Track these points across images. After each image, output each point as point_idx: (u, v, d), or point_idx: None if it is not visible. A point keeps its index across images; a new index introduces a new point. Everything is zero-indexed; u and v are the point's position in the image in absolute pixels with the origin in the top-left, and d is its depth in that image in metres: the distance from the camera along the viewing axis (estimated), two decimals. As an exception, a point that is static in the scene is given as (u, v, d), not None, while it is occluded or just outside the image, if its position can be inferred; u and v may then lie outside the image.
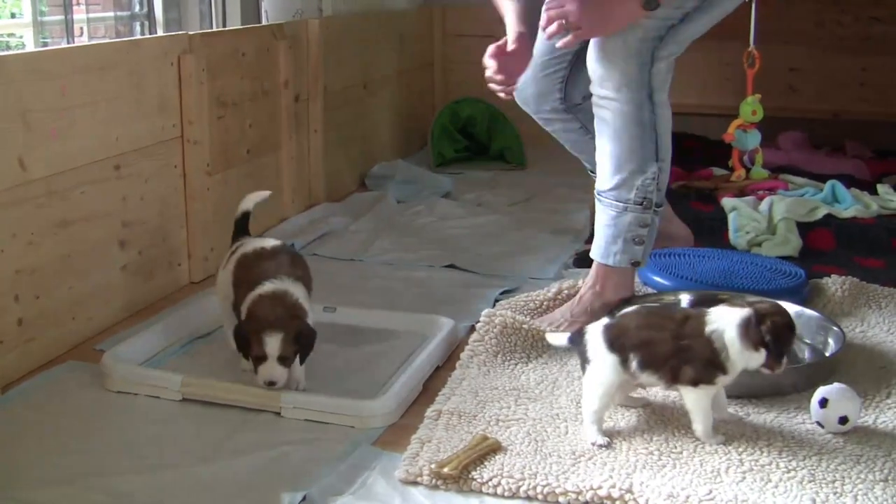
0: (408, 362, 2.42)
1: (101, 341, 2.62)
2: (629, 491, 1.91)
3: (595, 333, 2.13)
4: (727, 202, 3.57)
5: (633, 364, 2.11)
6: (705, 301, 2.32)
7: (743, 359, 2.08)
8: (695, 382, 2.10)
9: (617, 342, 2.12)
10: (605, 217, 2.67)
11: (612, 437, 2.12)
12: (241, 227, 2.62)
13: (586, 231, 3.56)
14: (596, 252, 2.69)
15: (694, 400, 2.13)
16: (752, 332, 2.06)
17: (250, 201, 2.65)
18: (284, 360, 2.24)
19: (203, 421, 2.23)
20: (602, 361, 2.12)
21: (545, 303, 2.80)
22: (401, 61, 4.81)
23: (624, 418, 2.22)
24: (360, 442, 2.13)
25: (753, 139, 3.87)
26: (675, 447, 2.08)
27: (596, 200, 2.70)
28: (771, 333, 2.05)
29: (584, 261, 3.19)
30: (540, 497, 1.91)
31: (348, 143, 4.16)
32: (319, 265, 3.23)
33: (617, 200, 2.63)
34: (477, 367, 2.44)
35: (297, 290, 2.35)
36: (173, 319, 2.68)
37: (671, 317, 2.15)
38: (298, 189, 3.75)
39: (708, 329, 2.09)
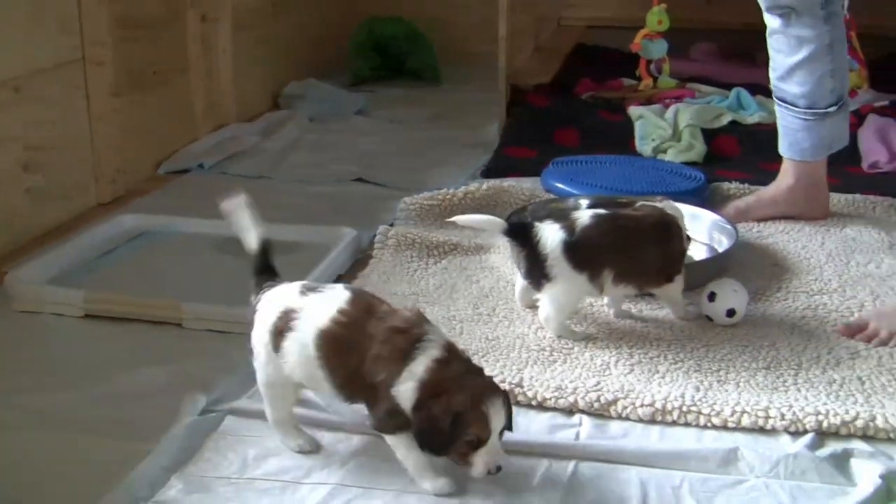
0: (309, 272, 2.43)
1: (9, 264, 2.61)
2: (519, 385, 1.96)
3: (555, 248, 2.12)
4: (634, 111, 3.60)
5: (608, 279, 2.15)
6: (603, 204, 2.35)
7: None
8: (671, 277, 2.24)
9: (586, 260, 2.13)
10: None
11: (506, 335, 2.17)
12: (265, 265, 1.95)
13: (495, 143, 3.60)
14: None
15: (676, 290, 2.26)
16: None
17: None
18: (503, 432, 1.68)
19: (106, 336, 2.25)
20: (569, 280, 2.13)
21: (452, 205, 2.84)
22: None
23: (519, 317, 2.26)
24: (259, 348, 2.15)
25: (660, 48, 3.91)
26: (567, 344, 2.14)
27: None
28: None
29: (492, 172, 3.22)
30: (432, 393, 1.96)
31: (259, 63, 4.14)
32: (228, 184, 3.24)
33: None
34: (377, 275, 2.47)
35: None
36: (78, 239, 2.67)
37: (639, 223, 2.20)
38: (208, 110, 3.73)
39: (685, 229, 2.26)
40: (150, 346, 2.20)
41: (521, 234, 2.15)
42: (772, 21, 2.80)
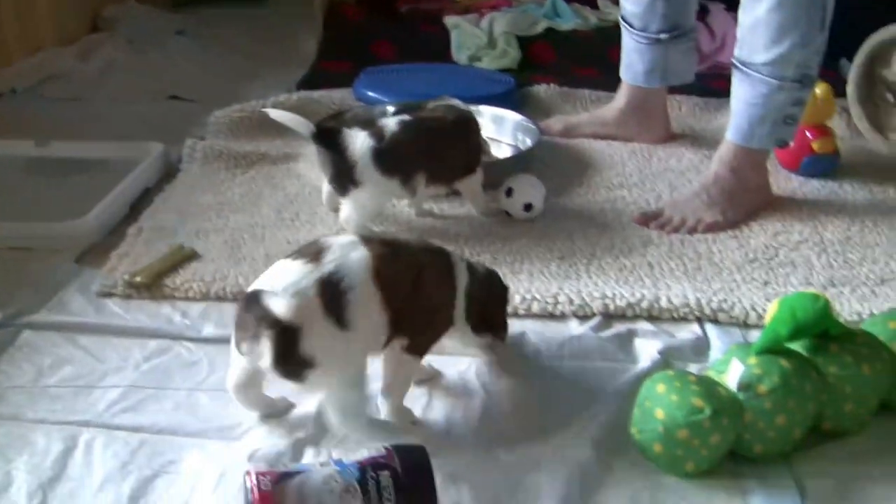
0: (115, 186, 2.42)
1: None
2: (315, 283, 1.99)
3: (364, 155, 2.13)
4: (450, 20, 3.63)
5: (421, 182, 2.20)
6: (406, 109, 2.38)
7: None
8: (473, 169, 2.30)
9: (397, 166, 2.16)
10: (750, 93, 2.33)
11: (307, 238, 2.18)
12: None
13: (313, 56, 3.61)
14: (736, 133, 2.38)
15: (477, 182, 2.31)
16: None
17: None
18: None
19: None
20: (378, 185, 2.16)
21: (261, 117, 2.78)
22: None
23: (321, 221, 2.31)
24: (62, 263, 2.15)
25: (476, -42, 3.94)
26: (367, 243, 2.17)
27: (735, 71, 2.37)
28: None
29: (307, 85, 3.21)
30: (229, 297, 1.98)
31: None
32: (43, 106, 3.21)
33: (770, 76, 2.29)
34: (184, 187, 2.48)
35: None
36: None
37: (443, 124, 2.25)
38: (22, 34, 3.64)
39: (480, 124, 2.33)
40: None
41: (328, 139, 2.16)
42: None
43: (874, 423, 1.67)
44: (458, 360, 1.79)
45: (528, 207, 2.29)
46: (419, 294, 1.61)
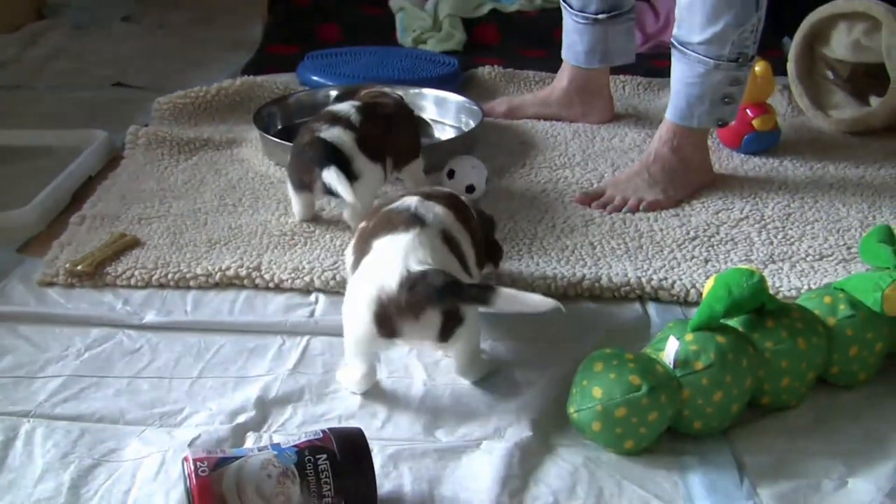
0: (59, 174, 2.41)
1: None
2: (257, 269, 1.99)
3: (352, 145, 2.11)
4: (394, 3, 3.63)
5: (391, 166, 2.23)
6: (349, 93, 2.38)
7: None
8: (417, 153, 2.32)
9: (375, 152, 2.16)
10: (688, 73, 2.34)
11: (249, 224, 2.20)
12: None
13: (259, 40, 3.61)
14: (675, 113, 2.39)
15: (420, 165, 2.33)
16: None
17: None
18: None
19: None
20: (372, 172, 2.15)
21: (205, 103, 2.85)
22: None
23: (264, 206, 2.29)
24: (3, 252, 2.13)
25: (420, -60, 3.93)
26: (309, 228, 2.18)
27: (673, 51, 2.36)
28: None
29: (252, 70, 3.20)
30: (172, 284, 1.98)
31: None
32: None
33: (707, 56, 2.29)
34: (127, 174, 2.47)
35: None
36: None
37: (395, 109, 2.27)
38: (-36, 22, 3.63)
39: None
40: None
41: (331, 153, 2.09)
42: None
43: (811, 397, 1.69)
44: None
45: (470, 189, 2.29)
46: (471, 233, 1.77)
